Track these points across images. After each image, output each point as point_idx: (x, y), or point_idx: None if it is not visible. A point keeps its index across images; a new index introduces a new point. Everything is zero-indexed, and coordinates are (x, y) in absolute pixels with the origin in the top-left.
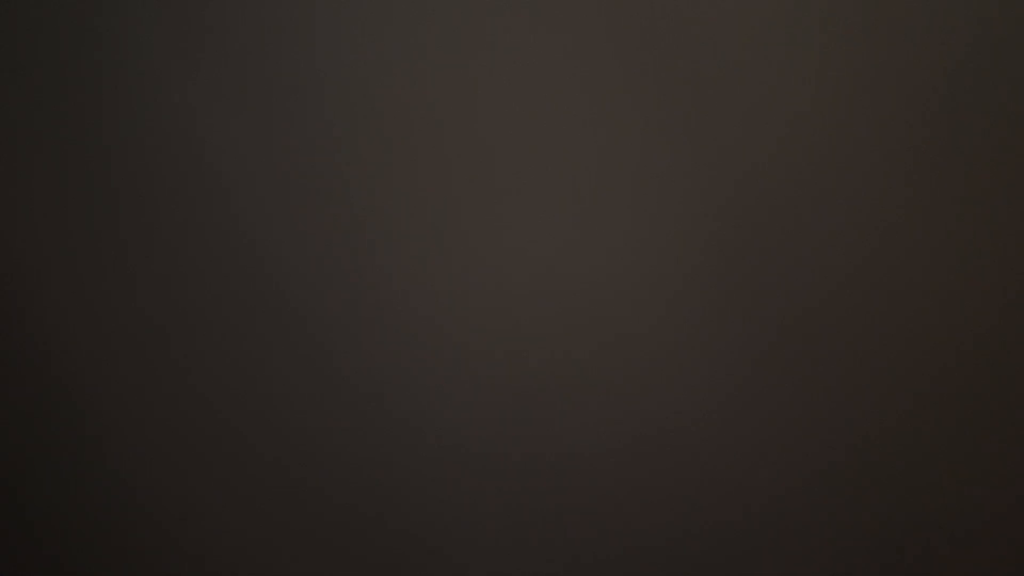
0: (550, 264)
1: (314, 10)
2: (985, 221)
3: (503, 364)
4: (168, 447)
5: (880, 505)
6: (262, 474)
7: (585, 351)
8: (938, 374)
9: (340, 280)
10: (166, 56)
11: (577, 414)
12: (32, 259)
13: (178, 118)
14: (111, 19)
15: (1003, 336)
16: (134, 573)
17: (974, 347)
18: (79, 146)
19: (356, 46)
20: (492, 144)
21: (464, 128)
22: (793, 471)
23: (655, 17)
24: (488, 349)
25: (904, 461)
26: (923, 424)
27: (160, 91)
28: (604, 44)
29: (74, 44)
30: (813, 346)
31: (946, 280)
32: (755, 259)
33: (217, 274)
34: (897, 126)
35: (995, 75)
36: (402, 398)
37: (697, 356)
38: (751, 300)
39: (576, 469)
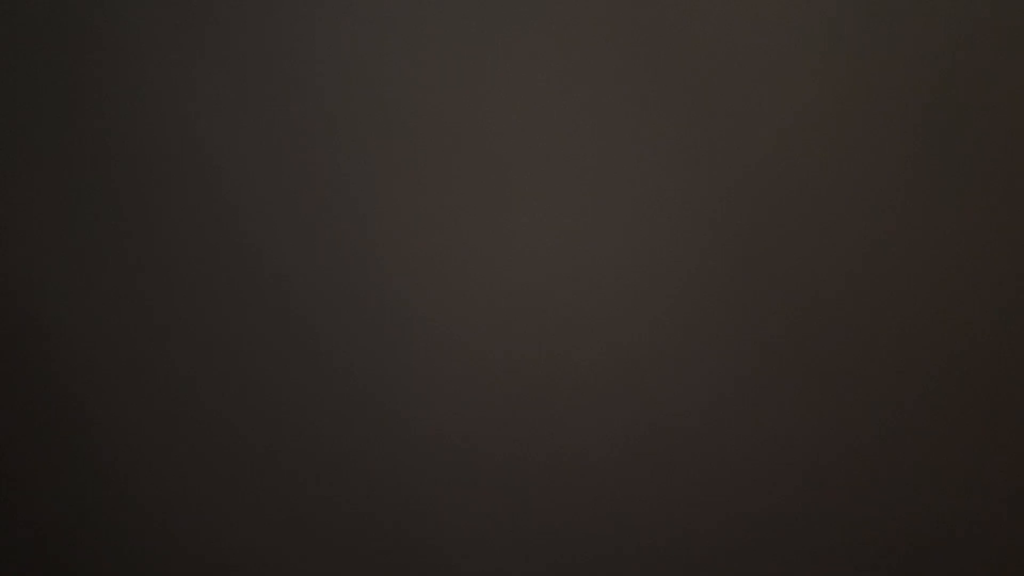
0: (551, 264)
1: (314, 10)
2: (985, 221)
3: (503, 364)
4: (169, 447)
5: (880, 505)
6: (263, 475)
7: (586, 351)
8: (938, 374)
9: (341, 280)
10: (166, 56)
11: (577, 414)
12: (32, 259)
13: (178, 118)
14: (111, 19)
15: (1003, 336)
16: (134, 573)
17: (974, 347)
18: (80, 146)
19: (356, 46)
20: (492, 144)
21: (464, 128)
22: (794, 471)
23: (655, 17)
24: (488, 349)
25: (904, 461)
26: (923, 424)
27: (160, 91)
28: (604, 44)
29: (74, 44)
30: (813, 346)
31: (946, 280)
32: (755, 259)
33: (218, 274)
34: (897, 126)
35: (995, 75)
36: (403, 398)
37: (697, 356)
38: (751, 300)
39: (576, 469)
